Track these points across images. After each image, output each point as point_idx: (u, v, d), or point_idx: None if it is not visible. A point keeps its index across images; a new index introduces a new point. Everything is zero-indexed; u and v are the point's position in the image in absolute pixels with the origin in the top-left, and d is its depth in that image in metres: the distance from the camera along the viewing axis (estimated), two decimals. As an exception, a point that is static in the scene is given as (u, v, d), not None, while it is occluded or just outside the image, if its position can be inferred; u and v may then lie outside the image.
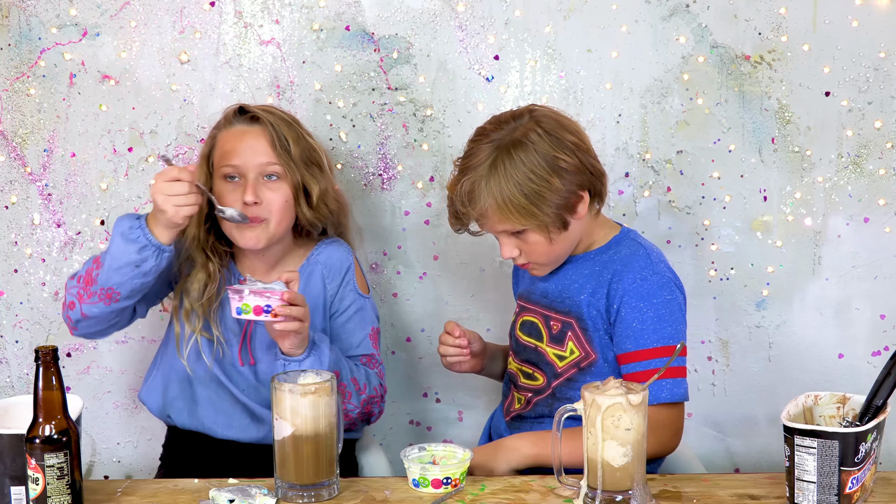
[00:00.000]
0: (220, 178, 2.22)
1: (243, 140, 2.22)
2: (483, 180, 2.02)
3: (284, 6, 2.51)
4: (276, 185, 2.22)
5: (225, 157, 2.22)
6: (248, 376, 2.27)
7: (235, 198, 2.19)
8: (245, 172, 2.20)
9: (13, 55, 2.52)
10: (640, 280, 2.05)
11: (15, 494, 1.79)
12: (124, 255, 2.08)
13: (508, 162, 2.00)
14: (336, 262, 2.32)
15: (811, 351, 2.60)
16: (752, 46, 2.50)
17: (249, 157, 2.20)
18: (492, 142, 2.04)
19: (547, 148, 2.01)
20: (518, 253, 2.09)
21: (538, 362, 2.17)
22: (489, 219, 2.06)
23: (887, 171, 2.53)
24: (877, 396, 1.80)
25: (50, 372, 1.73)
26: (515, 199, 2.00)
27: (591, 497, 1.78)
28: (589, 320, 2.09)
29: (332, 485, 1.88)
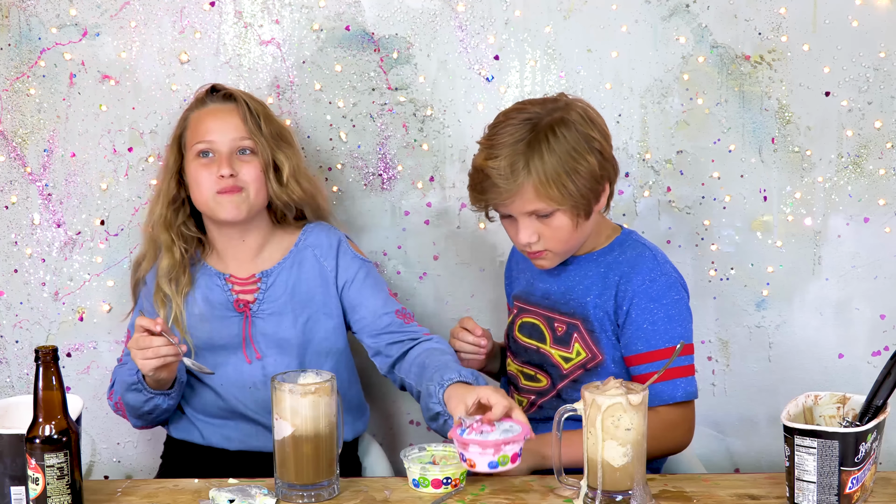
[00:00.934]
0: (194, 156, 2.24)
1: (216, 117, 2.26)
2: (523, 156, 1.99)
3: (284, 6, 2.51)
4: (248, 158, 2.25)
5: (198, 134, 2.25)
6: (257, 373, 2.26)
7: (210, 173, 2.21)
8: (218, 148, 2.23)
9: (13, 55, 2.52)
10: (648, 281, 2.06)
11: (15, 494, 1.79)
12: (138, 402, 2.20)
13: (552, 137, 2.00)
14: (325, 239, 2.33)
15: (811, 351, 2.60)
16: (752, 46, 2.50)
17: (223, 132, 2.24)
18: (529, 119, 2.02)
19: (585, 128, 2.02)
20: (537, 238, 2.05)
21: (541, 364, 2.17)
22: (522, 197, 2.01)
23: (887, 171, 2.53)
24: (877, 396, 1.79)
25: (50, 372, 1.73)
26: (557, 175, 1.98)
27: (591, 497, 1.78)
28: (596, 322, 2.09)
29: (332, 485, 1.88)
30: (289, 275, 2.30)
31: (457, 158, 2.56)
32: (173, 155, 2.30)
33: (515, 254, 2.33)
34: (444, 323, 2.62)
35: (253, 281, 2.30)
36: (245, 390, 2.26)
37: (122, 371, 2.25)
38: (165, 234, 2.29)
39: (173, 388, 2.19)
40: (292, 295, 2.29)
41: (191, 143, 2.26)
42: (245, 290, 2.29)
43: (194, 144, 2.25)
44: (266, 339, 2.27)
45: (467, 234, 2.60)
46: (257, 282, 2.30)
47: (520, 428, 1.80)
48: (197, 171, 2.24)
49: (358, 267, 2.33)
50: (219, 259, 2.32)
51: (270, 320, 2.27)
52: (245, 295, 2.29)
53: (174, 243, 2.29)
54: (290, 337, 2.27)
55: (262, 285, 2.29)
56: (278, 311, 2.27)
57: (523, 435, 1.79)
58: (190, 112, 2.30)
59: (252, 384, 2.26)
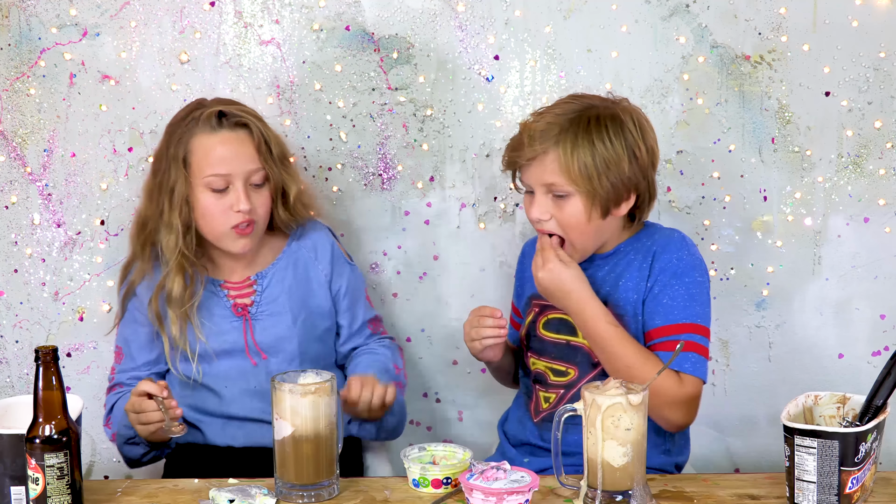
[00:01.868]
0: (204, 187, 2.17)
1: (230, 147, 2.18)
2: (560, 126, 2.03)
3: (284, 6, 2.51)
4: (261, 189, 2.22)
5: (210, 165, 2.16)
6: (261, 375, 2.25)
7: (223, 206, 2.17)
8: (234, 182, 2.17)
9: (13, 55, 2.52)
10: (675, 259, 2.10)
11: (15, 494, 1.79)
12: (136, 454, 2.18)
13: (594, 123, 2.03)
14: (319, 242, 2.33)
15: (811, 351, 2.60)
16: (752, 46, 2.50)
17: (239, 164, 2.17)
18: (589, 105, 2.07)
19: (633, 135, 2.05)
20: (548, 217, 2.07)
21: (572, 357, 2.15)
22: (543, 164, 2.04)
23: (887, 171, 2.53)
24: (877, 396, 1.79)
25: (50, 372, 1.73)
26: (583, 154, 2.01)
27: (591, 497, 1.78)
28: (626, 306, 2.10)
29: (332, 485, 1.88)
30: (284, 275, 2.29)
31: (457, 158, 2.56)
32: (180, 179, 2.18)
33: (530, 253, 2.30)
34: (444, 323, 2.62)
35: (248, 284, 2.29)
36: (250, 393, 2.26)
37: (120, 415, 2.19)
38: (183, 262, 2.20)
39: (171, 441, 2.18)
40: (289, 295, 2.29)
41: (200, 172, 2.17)
42: (241, 294, 2.28)
43: (207, 176, 2.16)
44: (267, 341, 2.27)
45: (467, 234, 2.60)
46: (252, 284, 2.29)
47: (530, 478, 1.79)
48: (209, 205, 2.17)
49: (348, 274, 2.36)
50: (212, 267, 2.30)
51: (270, 321, 2.27)
52: (242, 299, 2.28)
53: (185, 270, 2.22)
54: (290, 336, 2.27)
55: (258, 287, 2.29)
56: (277, 311, 2.27)
57: (530, 486, 1.78)
58: (191, 135, 2.18)
59: (258, 385, 2.25)
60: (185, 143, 2.19)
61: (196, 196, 2.18)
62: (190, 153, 2.18)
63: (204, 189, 2.17)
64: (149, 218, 2.24)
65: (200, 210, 2.19)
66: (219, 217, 2.18)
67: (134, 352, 2.30)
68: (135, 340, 2.30)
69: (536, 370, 2.21)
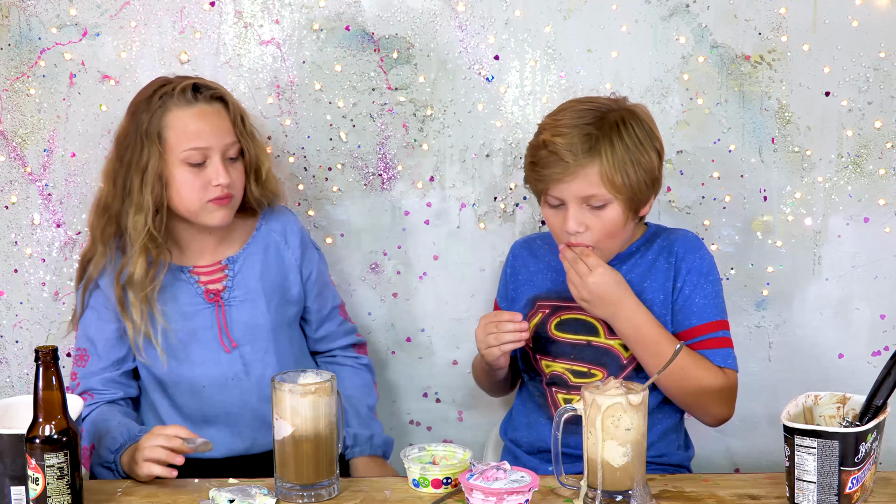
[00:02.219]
0: (180, 161, 2.13)
1: (207, 120, 2.15)
2: (593, 137, 2.01)
3: (284, 6, 2.51)
4: (236, 163, 2.20)
5: (188, 138, 2.13)
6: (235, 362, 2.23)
7: (201, 181, 2.13)
8: (211, 155, 2.15)
9: (13, 55, 2.52)
10: (699, 259, 2.13)
11: (15, 494, 1.79)
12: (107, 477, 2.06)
13: (622, 126, 2.03)
14: (289, 226, 2.32)
15: (811, 351, 2.60)
16: (752, 46, 2.50)
17: (217, 138, 2.15)
18: (598, 109, 2.06)
19: (654, 133, 2.08)
20: (584, 229, 2.05)
21: (596, 359, 2.13)
22: (585, 178, 2.02)
23: (887, 171, 2.53)
24: (877, 396, 1.80)
25: (50, 372, 1.73)
26: (623, 161, 2.01)
27: (591, 497, 1.78)
28: (654, 307, 2.10)
29: (332, 485, 1.88)
30: (255, 259, 2.26)
31: (457, 158, 2.56)
32: (154, 155, 2.12)
33: (523, 254, 2.29)
34: (444, 323, 2.62)
35: (219, 268, 2.25)
36: (228, 384, 2.23)
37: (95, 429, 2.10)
38: (147, 244, 2.15)
39: None
40: (262, 280, 2.26)
41: (178, 146, 2.13)
42: (212, 280, 2.25)
43: (185, 150, 2.13)
44: (240, 327, 2.23)
45: (467, 234, 2.60)
46: (224, 269, 2.25)
47: (530, 478, 1.79)
48: (187, 180, 2.13)
49: (317, 259, 2.36)
50: (179, 253, 2.24)
51: (244, 308, 2.24)
52: (213, 284, 2.24)
53: (149, 251, 2.16)
54: (264, 323, 2.25)
55: (230, 272, 2.25)
56: (251, 297, 2.24)
57: (530, 486, 1.77)
58: (166, 108, 2.14)
59: (234, 376, 2.23)
60: (159, 119, 2.14)
61: (171, 172, 2.14)
62: (165, 128, 2.13)
63: (181, 164, 2.13)
64: (111, 202, 2.18)
65: (176, 186, 2.14)
66: (197, 192, 2.14)
67: (101, 350, 2.23)
68: (100, 338, 2.23)
69: (553, 372, 2.18)
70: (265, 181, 2.26)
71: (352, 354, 2.44)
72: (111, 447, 2.03)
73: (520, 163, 2.53)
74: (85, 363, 2.24)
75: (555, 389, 2.18)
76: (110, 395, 2.22)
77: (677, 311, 2.12)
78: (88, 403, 2.19)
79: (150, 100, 2.16)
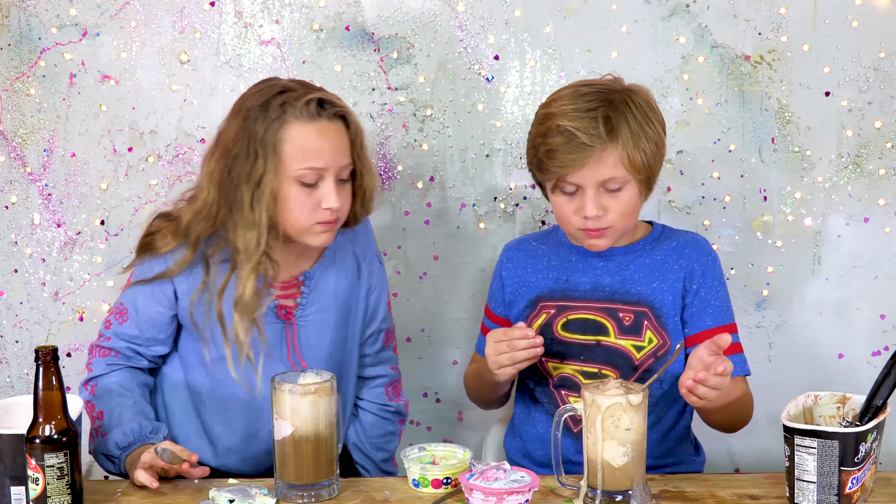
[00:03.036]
0: (294, 179, 1.98)
1: (329, 139, 2.00)
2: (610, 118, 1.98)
3: (284, 6, 2.51)
4: (346, 185, 2.06)
5: (308, 157, 1.97)
6: None
7: (312, 202, 2.00)
8: (326, 176, 2.00)
9: (13, 55, 2.52)
10: (711, 261, 2.13)
11: (15, 494, 1.79)
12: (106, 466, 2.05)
13: (631, 104, 2.01)
14: (364, 239, 2.22)
15: (811, 351, 2.60)
16: (752, 46, 2.50)
17: (334, 158, 2.00)
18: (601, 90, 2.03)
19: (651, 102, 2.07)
20: (604, 212, 2.03)
21: (607, 359, 2.10)
22: (604, 161, 1.98)
23: (887, 171, 2.53)
24: (877, 396, 1.80)
25: (50, 372, 1.73)
26: (639, 140, 2.00)
27: (591, 497, 1.78)
28: (664, 307, 2.09)
29: (332, 485, 1.88)
30: (329, 274, 2.15)
31: (457, 158, 2.56)
32: (270, 170, 1.97)
33: (518, 256, 2.25)
34: (444, 323, 2.62)
35: (295, 284, 2.13)
36: None
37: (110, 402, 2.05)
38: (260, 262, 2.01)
39: None
40: (334, 297, 2.16)
41: (293, 164, 1.97)
42: (287, 295, 2.12)
43: (301, 169, 1.97)
44: (309, 347, 2.14)
45: (467, 234, 2.60)
46: (300, 285, 2.13)
47: (529, 478, 1.79)
48: (298, 199, 1.98)
49: (377, 274, 2.25)
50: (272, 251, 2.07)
51: (314, 327, 2.14)
52: (287, 300, 2.12)
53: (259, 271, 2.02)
54: (331, 342, 2.16)
55: (305, 289, 2.14)
56: (322, 316, 2.14)
57: (530, 486, 1.77)
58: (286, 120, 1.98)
59: None
60: (277, 130, 1.97)
61: (282, 188, 1.98)
62: (282, 141, 1.97)
63: (293, 182, 1.98)
64: (216, 211, 2.01)
65: (287, 204, 1.99)
66: (307, 213, 2.00)
67: (141, 322, 2.10)
68: (146, 312, 2.10)
69: (561, 374, 2.13)
70: (368, 202, 2.14)
71: (380, 400, 2.31)
72: (120, 443, 2.00)
73: (520, 163, 2.53)
74: (122, 322, 2.12)
75: (564, 392, 2.14)
76: (134, 363, 2.13)
77: (692, 312, 2.10)
78: (110, 361, 2.12)
79: (267, 106, 1.99)
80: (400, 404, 2.34)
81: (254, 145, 1.97)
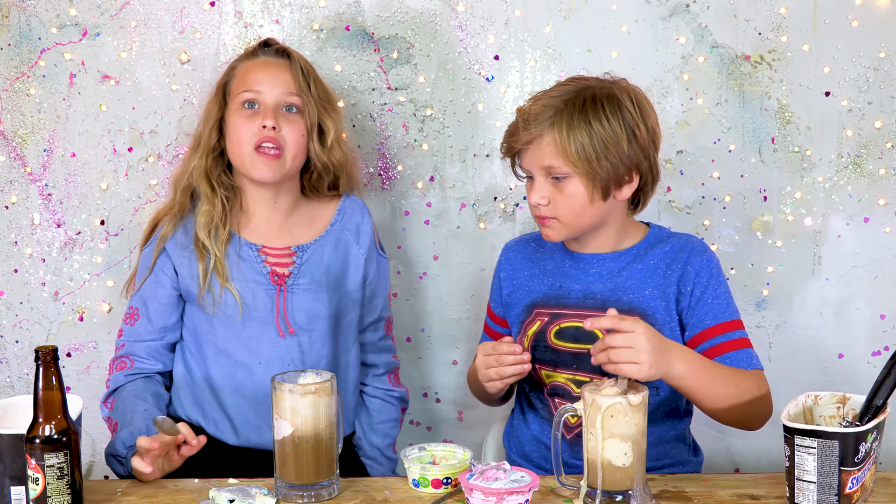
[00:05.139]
0: (238, 105, 2.19)
1: (267, 69, 2.21)
2: (555, 108, 2.01)
3: (284, 6, 2.51)
4: (294, 117, 2.20)
5: (245, 83, 2.20)
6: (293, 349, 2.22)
7: (252, 125, 2.17)
8: (265, 100, 2.18)
9: (13, 55, 2.52)
10: (706, 261, 2.10)
11: (15, 494, 1.79)
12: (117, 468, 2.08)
13: (590, 103, 2.01)
14: (363, 226, 2.32)
15: (811, 351, 2.60)
16: (752, 46, 2.50)
17: (272, 85, 2.19)
18: (585, 86, 2.05)
19: (631, 115, 2.03)
20: (547, 202, 2.04)
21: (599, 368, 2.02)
22: (540, 147, 2.02)
23: (887, 171, 2.53)
24: (877, 396, 1.79)
25: (50, 372, 1.73)
26: (579, 134, 1.99)
27: (591, 497, 1.78)
28: (657, 313, 2.07)
29: (332, 485, 1.88)
30: (324, 253, 2.26)
31: (457, 158, 2.56)
32: (216, 104, 2.24)
33: (517, 257, 2.26)
34: (444, 323, 2.63)
35: (288, 254, 2.25)
36: (284, 368, 2.20)
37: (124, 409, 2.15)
38: (206, 182, 2.22)
39: None
40: (327, 273, 2.26)
41: (236, 92, 2.21)
42: (280, 263, 2.24)
43: (240, 94, 2.20)
44: (301, 315, 2.23)
45: (467, 234, 2.60)
46: (293, 255, 2.25)
47: (529, 478, 1.79)
48: (239, 122, 2.18)
49: (379, 266, 2.35)
50: (250, 228, 2.26)
51: (306, 296, 2.23)
52: (280, 268, 2.24)
53: (215, 192, 2.22)
54: (325, 315, 2.24)
55: (298, 259, 2.25)
56: (315, 287, 2.24)
57: (530, 486, 1.77)
58: (238, 62, 2.25)
59: (290, 362, 2.22)
60: (230, 71, 2.26)
61: (230, 117, 2.21)
62: (231, 79, 2.24)
63: (238, 108, 2.19)
64: (188, 159, 2.27)
65: (231, 129, 2.20)
66: (245, 135, 2.17)
67: (152, 313, 2.25)
68: (154, 301, 2.25)
69: (554, 383, 2.13)
70: (331, 147, 2.25)
71: (385, 386, 2.42)
72: (127, 442, 2.03)
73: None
74: (134, 322, 2.26)
75: (558, 400, 2.13)
76: (150, 367, 2.25)
77: (690, 314, 2.08)
78: (127, 372, 2.23)
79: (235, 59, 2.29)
80: (402, 391, 2.44)
81: (218, 87, 2.26)
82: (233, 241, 2.23)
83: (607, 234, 2.12)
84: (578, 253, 2.15)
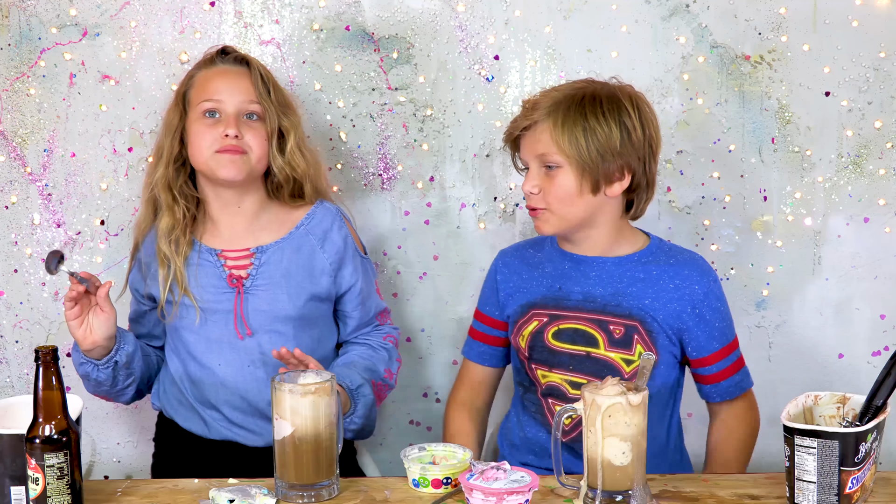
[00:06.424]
0: (199, 115, 2.21)
1: (226, 78, 2.23)
2: (555, 99, 2.08)
3: (284, 6, 2.51)
4: (255, 124, 2.22)
5: (205, 92, 2.22)
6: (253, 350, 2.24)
7: (213, 133, 2.18)
8: (225, 109, 2.20)
9: (13, 55, 2.52)
10: (711, 282, 2.15)
11: (15, 494, 1.79)
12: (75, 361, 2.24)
13: (590, 100, 2.07)
14: (332, 235, 2.30)
15: (811, 351, 2.60)
16: (752, 46, 2.50)
17: (232, 94, 2.21)
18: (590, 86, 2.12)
19: (629, 115, 2.08)
20: (538, 191, 2.10)
21: (596, 370, 2.11)
22: (535, 134, 2.08)
23: (887, 171, 2.53)
24: (877, 396, 1.80)
25: (50, 372, 1.73)
26: (573, 125, 2.05)
27: (591, 497, 1.78)
28: (656, 323, 2.10)
29: (332, 485, 1.88)
30: (283, 255, 2.26)
31: (457, 158, 2.56)
32: (177, 114, 2.25)
33: (514, 262, 2.27)
34: (444, 323, 2.63)
35: (246, 255, 2.26)
36: (244, 369, 2.24)
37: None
38: (167, 193, 2.24)
39: (101, 361, 2.19)
40: (286, 276, 2.25)
41: (196, 101, 2.22)
42: (238, 266, 2.25)
43: (200, 103, 2.21)
44: (259, 316, 2.24)
45: (467, 234, 2.60)
46: (251, 256, 2.26)
47: (529, 478, 1.79)
48: (200, 131, 2.20)
49: (361, 268, 2.33)
50: (212, 234, 2.28)
51: (265, 297, 2.24)
52: (238, 270, 2.25)
53: (176, 202, 2.24)
54: (289, 316, 2.25)
55: (256, 261, 2.25)
56: (273, 288, 2.24)
57: (530, 486, 1.77)
58: (197, 71, 2.27)
59: (251, 362, 2.24)
60: (188, 79, 2.27)
61: (191, 126, 2.22)
62: (190, 88, 2.25)
63: (199, 117, 2.21)
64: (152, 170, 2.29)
65: (192, 137, 2.21)
66: (205, 142, 2.19)
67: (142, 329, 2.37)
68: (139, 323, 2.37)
69: (549, 383, 2.16)
70: (290, 154, 2.26)
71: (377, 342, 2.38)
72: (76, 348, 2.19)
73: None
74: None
75: (551, 401, 2.16)
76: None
77: (698, 336, 2.14)
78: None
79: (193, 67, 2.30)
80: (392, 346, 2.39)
81: (177, 97, 2.27)
82: (194, 249, 2.26)
83: (601, 234, 2.14)
84: (577, 255, 2.16)
